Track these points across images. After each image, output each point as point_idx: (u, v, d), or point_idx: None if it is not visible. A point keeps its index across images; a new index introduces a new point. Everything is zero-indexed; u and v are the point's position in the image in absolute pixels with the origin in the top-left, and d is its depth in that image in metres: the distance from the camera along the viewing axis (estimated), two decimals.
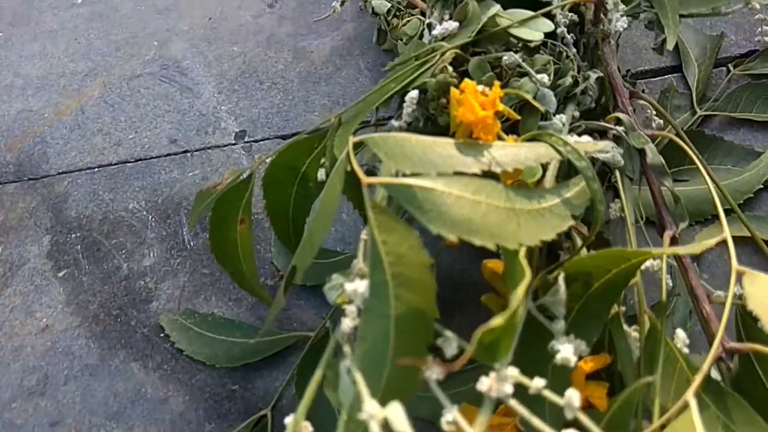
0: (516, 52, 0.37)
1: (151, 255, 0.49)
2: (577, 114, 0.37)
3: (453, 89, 0.31)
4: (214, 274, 0.47)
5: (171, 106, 0.58)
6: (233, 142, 0.55)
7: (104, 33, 0.66)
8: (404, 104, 0.35)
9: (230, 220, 0.38)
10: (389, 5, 0.55)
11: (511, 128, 0.36)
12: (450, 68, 0.34)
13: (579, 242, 0.32)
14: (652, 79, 0.53)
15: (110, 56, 0.64)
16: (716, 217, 0.45)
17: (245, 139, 0.55)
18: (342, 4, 0.58)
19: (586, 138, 0.32)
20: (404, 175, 0.29)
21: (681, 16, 0.40)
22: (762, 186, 0.44)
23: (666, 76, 0.53)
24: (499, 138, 0.32)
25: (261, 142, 0.55)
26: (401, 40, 0.52)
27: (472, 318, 0.35)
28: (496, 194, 0.28)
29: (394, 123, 0.35)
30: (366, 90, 0.57)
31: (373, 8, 0.56)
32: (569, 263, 0.28)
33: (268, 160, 0.36)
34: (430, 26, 0.39)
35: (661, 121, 0.46)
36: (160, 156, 0.55)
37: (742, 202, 0.44)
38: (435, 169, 0.28)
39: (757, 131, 0.49)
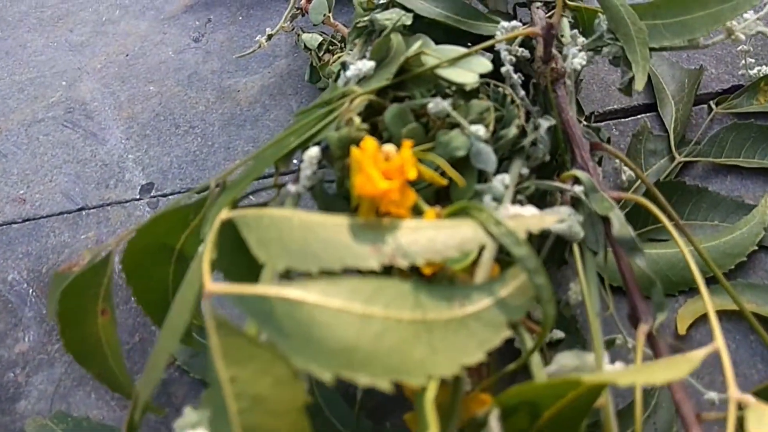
0: (449, 96, 0.30)
1: (26, 339, 0.40)
2: (526, 171, 0.30)
3: (354, 149, 0.23)
4: None
5: (71, 155, 0.50)
6: (137, 197, 0.47)
7: (8, 72, 0.58)
8: (302, 165, 0.27)
9: (87, 311, 0.30)
10: (320, 39, 0.48)
11: (445, 191, 0.28)
12: (357, 120, 0.26)
13: (528, 341, 0.24)
14: (623, 120, 0.46)
15: (11, 99, 0.56)
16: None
17: (152, 194, 0.47)
18: (269, 38, 0.50)
19: (530, 210, 0.24)
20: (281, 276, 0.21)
21: (652, 50, 0.33)
22: (756, 247, 0.37)
23: (639, 116, 0.46)
24: (417, 211, 0.24)
25: (170, 197, 0.47)
26: (331, 78, 0.45)
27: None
28: (399, 301, 0.20)
29: (291, 188, 0.27)
30: None
31: (304, 43, 0.49)
32: (505, 394, 0.20)
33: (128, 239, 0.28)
34: (344, 66, 0.31)
35: (632, 173, 0.39)
36: (51, 215, 0.47)
37: (733, 267, 0.37)
38: (317, 264, 0.20)
39: (746, 179, 0.41)
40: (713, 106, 0.45)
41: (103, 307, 0.30)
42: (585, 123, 0.39)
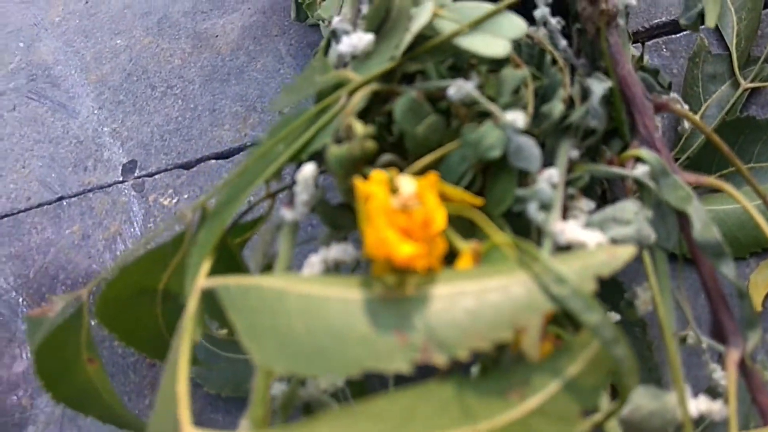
0: (472, 67, 0.23)
1: (24, 356, 0.37)
2: (576, 154, 0.24)
3: (359, 182, 0.17)
4: None
5: (41, 133, 0.45)
6: (120, 179, 0.42)
7: None
8: (296, 188, 0.22)
9: (72, 364, 0.26)
10: None
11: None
12: (359, 126, 0.20)
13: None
14: (674, 36, 0.39)
15: None
16: None
17: (135, 174, 0.42)
18: None
19: (592, 235, 0.19)
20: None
21: None
22: None
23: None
24: (448, 259, 0.19)
25: (156, 176, 0.41)
26: (323, 21, 0.38)
27: None
28: (441, 416, 0.15)
29: (286, 215, 0.22)
30: None
31: None
32: None
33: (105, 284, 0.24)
34: (336, 35, 0.24)
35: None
36: (29, 208, 0.42)
37: None
38: (327, 368, 0.15)
39: None
40: None
41: (88, 356, 0.26)
42: (634, 51, 0.32)
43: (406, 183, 0.17)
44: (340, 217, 0.24)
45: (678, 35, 0.39)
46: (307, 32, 0.45)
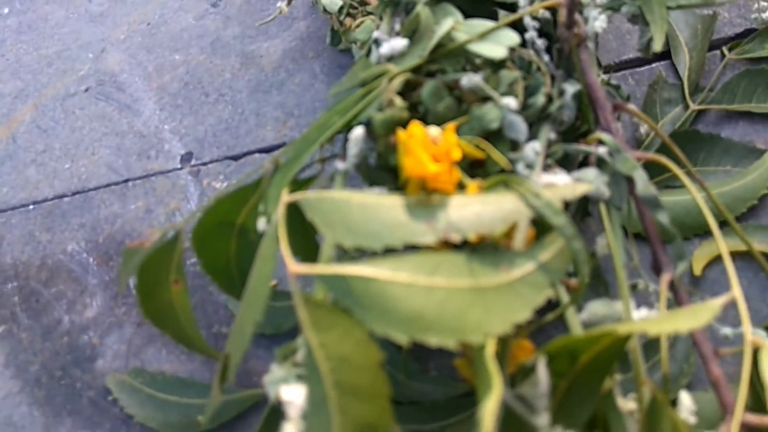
0: (478, 69, 0.32)
1: (94, 304, 0.44)
2: (553, 136, 0.32)
3: (400, 132, 0.26)
4: None
5: (109, 128, 0.53)
6: (179, 166, 0.50)
7: (34, 47, 0.60)
8: (348, 144, 0.30)
9: (161, 283, 0.33)
10: (341, 3, 0.49)
11: (478, 160, 0.31)
12: (398, 99, 0.29)
13: (564, 296, 0.28)
14: (638, 69, 0.48)
15: (41, 73, 0.58)
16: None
17: (192, 163, 0.50)
18: (289, 3, 0.52)
19: (562, 177, 0.27)
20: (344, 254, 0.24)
21: (668, 8, 0.35)
22: (767, 191, 0.40)
23: (653, 65, 0.48)
24: (459, 185, 0.27)
25: (209, 165, 0.49)
26: (355, 44, 0.46)
27: (450, 359, 0.31)
28: (456, 270, 0.23)
29: (339, 165, 0.30)
30: (322, 98, 0.52)
31: (323, 6, 0.50)
32: (548, 346, 0.24)
33: (198, 215, 0.31)
34: (377, 42, 0.33)
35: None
36: (98, 187, 0.49)
37: (745, 210, 0.39)
38: (381, 241, 0.23)
39: (757, 124, 0.44)
40: (726, 53, 0.46)
41: (175, 277, 0.33)
42: (604, 77, 0.40)
43: (433, 129, 0.25)
44: (378, 176, 0.32)
45: (642, 68, 0.48)
46: (339, 56, 0.53)
